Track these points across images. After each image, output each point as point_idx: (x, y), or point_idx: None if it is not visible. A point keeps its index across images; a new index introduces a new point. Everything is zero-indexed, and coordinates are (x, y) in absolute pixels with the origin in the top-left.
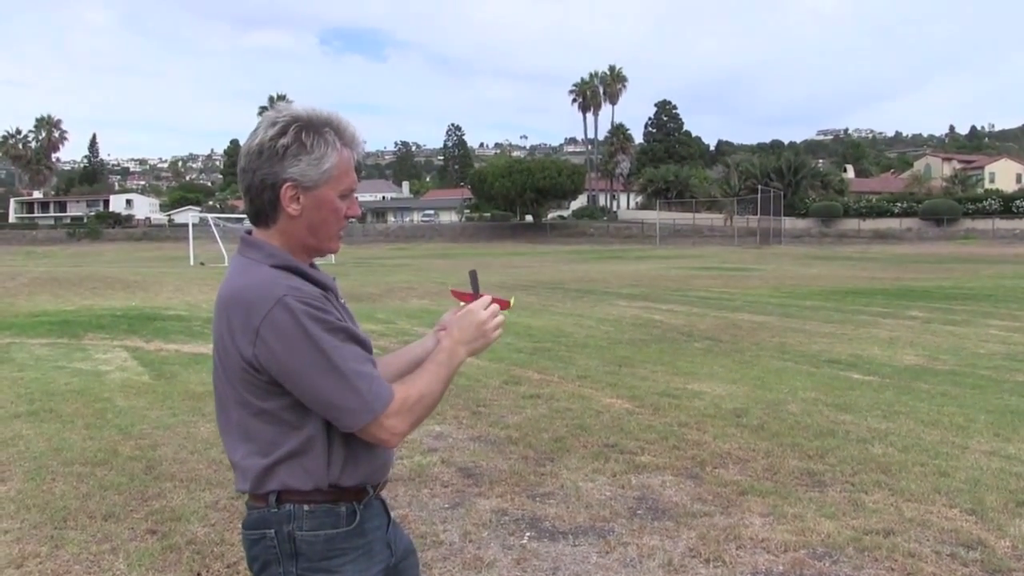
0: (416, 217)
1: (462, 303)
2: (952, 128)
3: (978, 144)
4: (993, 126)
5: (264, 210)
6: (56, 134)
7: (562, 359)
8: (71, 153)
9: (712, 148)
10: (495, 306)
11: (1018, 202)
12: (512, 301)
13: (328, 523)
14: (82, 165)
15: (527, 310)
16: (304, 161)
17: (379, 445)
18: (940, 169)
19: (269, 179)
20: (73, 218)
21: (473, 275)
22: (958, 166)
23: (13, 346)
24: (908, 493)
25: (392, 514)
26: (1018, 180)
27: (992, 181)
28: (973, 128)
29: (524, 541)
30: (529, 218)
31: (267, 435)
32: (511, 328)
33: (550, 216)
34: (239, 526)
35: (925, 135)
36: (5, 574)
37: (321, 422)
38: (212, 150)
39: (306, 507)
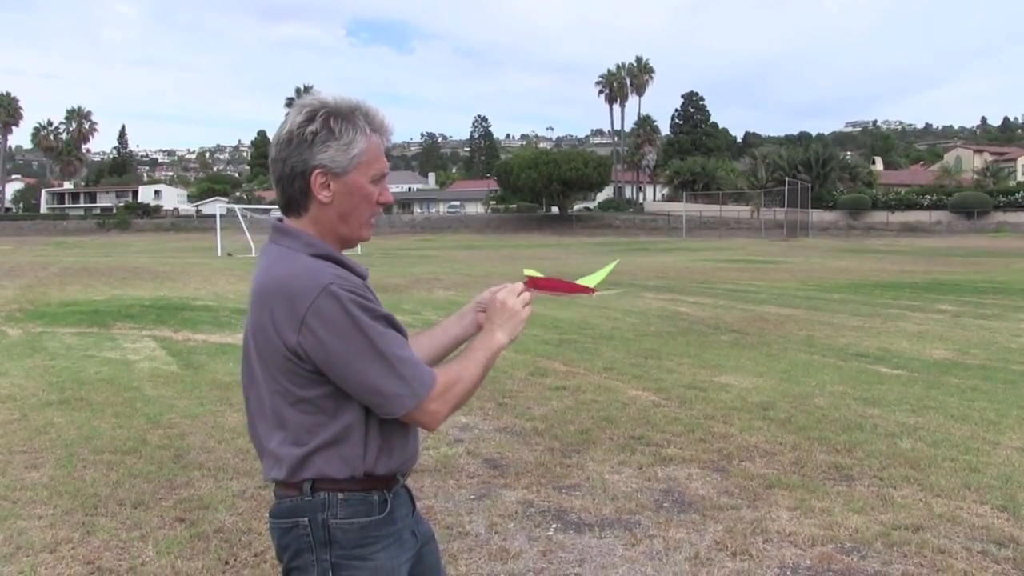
0: (442, 208)
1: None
2: (984, 119)
3: (1011, 136)
4: None
5: (295, 198)
6: (86, 125)
7: (588, 351)
8: (101, 144)
9: (739, 140)
10: (518, 286)
11: None
12: (596, 281)
13: (362, 511)
14: (111, 156)
15: (553, 303)
16: (333, 147)
17: (409, 434)
18: (971, 161)
19: (299, 167)
20: (103, 209)
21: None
22: (990, 158)
23: (44, 335)
24: (937, 488)
25: (417, 504)
26: None
27: None
28: (1006, 119)
29: (550, 533)
30: (555, 210)
31: (304, 423)
32: (537, 320)
33: (576, 208)
34: (266, 515)
35: (956, 127)
36: (39, 558)
37: (359, 410)
38: (239, 141)
39: (340, 495)
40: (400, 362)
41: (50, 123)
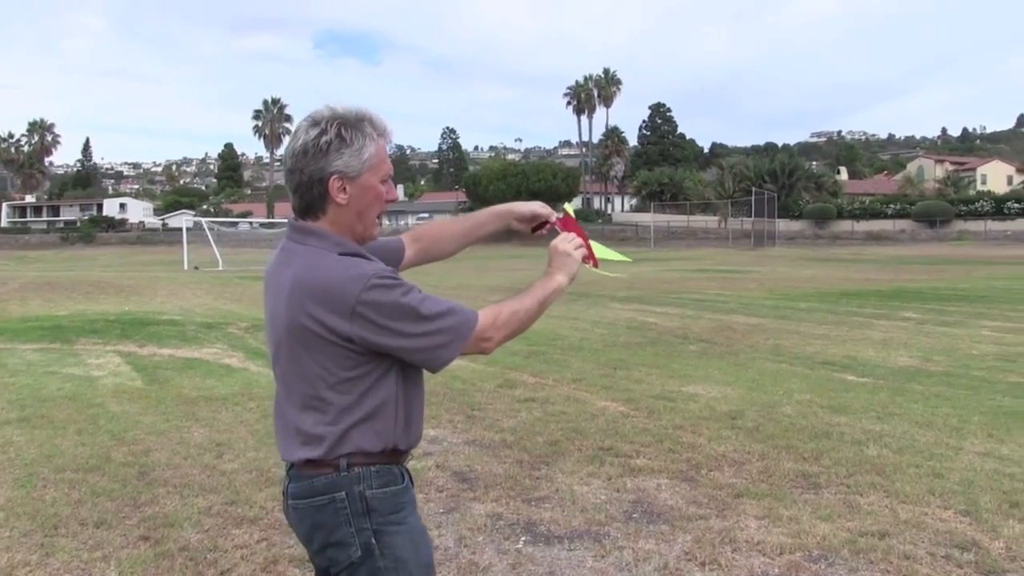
0: (411, 220)
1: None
2: (944, 130)
3: (970, 146)
4: (984, 128)
5: (314, 203)
6: (49, 138)
7: (557, 362)
8: (64, 157)
9: (706, 150)
10: (571, 234)
11: (1010, 203)
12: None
13: (391, 481)
14: (75, 169)
15: None
16: (347, 154)
17: (420, 415)
18: (933, 171)
19: (317, 174)
20: (66, 222)
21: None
22: (950, 168)
23: (4, 351)
24: (903, 495)
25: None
26: (1009, 182)
27: (984, 183)
28: (965, 130)
29: (519, 546)
30: None
31: (344, 403)
32: None
33: None
34: (232, 531)
35: (918, 137)
36: None
37: (393, 386)
38: (207, 154)
39: (373, 468)
40: (443, 316)
41: (11, 135)
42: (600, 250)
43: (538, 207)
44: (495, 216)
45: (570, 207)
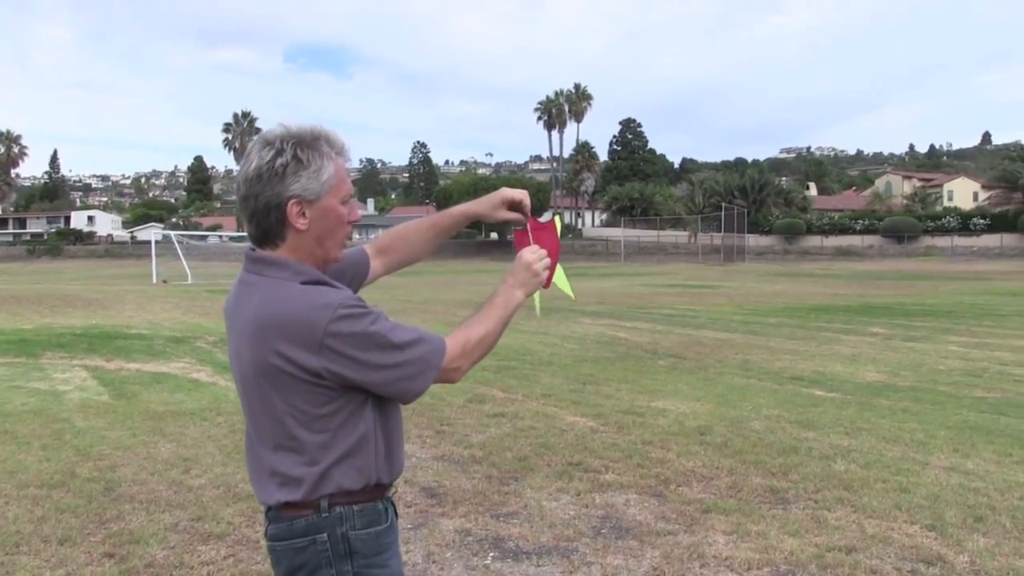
0: (381, 235)
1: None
2: (912, 147)
3: (936, 162)
4: (951, 145)
5: (273, 230)
6: (16, 149)
7: (527, 377)
8: (31, 169)
9: (677, 166)
10: (541, 250)
11: (975, 219)
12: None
13: (375, 520)
14: (43, 181)
15: None
16: (304, 176)
17: (400, 444)
18: (900, 187)
19: (274, 200)
20: (33, 235)
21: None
22: (918, 184)
23: None
24: (870, 510)
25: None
26: (975, 198)
27: (951, 199)
28: (932, 147)
29: (488, 562)
30: (494, 235)
31: (320, 441)
32: None
33: None
34: (199, 548)
35: (886, 153)
36: None
37: (371, 420)
38: (176, 167)
39: (356, 507)
40: (412, 345)
41: None
42: (558, 274)
43: (509, 214)
44: (462, 220)
45: (558, 220)
